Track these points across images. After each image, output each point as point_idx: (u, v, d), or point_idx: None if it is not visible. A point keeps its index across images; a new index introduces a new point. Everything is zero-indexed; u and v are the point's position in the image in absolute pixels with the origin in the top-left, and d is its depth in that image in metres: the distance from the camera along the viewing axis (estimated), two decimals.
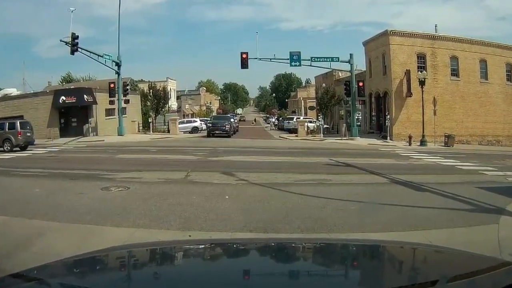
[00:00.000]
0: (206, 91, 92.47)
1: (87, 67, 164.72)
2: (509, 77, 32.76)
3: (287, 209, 7.53)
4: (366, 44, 35.64)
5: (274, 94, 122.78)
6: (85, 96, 31.03)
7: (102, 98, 32.48)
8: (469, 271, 1.58)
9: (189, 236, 5.65)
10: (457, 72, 31.33)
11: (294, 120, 41.82)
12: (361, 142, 27.72)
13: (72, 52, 27.94)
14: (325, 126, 36.41)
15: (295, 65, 30.67)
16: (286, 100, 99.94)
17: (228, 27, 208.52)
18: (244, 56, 30.00)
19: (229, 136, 32.14)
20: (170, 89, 56.22)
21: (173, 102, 62.70)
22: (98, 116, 32.53)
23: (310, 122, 39.36)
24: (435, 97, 27.10)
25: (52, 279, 1.57)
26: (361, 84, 31.36)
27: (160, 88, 40.73)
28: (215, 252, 2.23)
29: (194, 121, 44.07)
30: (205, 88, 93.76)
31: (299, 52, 30.62)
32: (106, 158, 17.18)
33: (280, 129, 46.13)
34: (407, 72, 29.79)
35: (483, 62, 31.83)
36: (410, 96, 29.66)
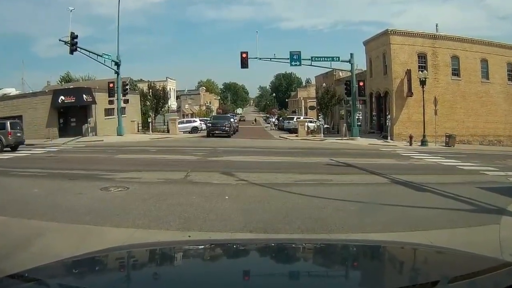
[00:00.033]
0: (206, 91, 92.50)
1: (86, 67, 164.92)
2: (511, 77, 32.70)
3: (287, 210, 7.51)
4: (367, 44, 35.60)
5: (274, 94, 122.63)
6: (84, 96, 30.95)
7: (101, 98, 32.40)
8: (470, 272, 1.57)
9: (189, 237, 5.64)
10: (458, 72, 31.27)
11: (294, 120, 41.77)
12: (362, 142, 27.69)
13: (71, 52, 27.88)
14: (326, 126, 36.40)
15: (295, 65, 30.60)
16: (286, 100, 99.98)
17: (228, 27, 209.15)
18: (244, 56, 29.93)
19: (229, 136, 32.09)
20: (170, 89, 56.27)
21: (173, 102, 62.75)
22: (97, 116, 32.45)
23: (311, 122, 39.39)
24: (436, 97, 27.07)
25: (51, 280, 1.56)
26: (362, 84, 31.30)
27: (160, 88, 40.72)
28: (215, 253, 2.23)
29: (194, 121, 44.04)
30: (205, 88, 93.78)
31: (299, 52, 30.55)
32: (105, 158, 17.15)
33: (280, 129, 46.08)
34: (408, 72, 29.75)
35: (484, 62, 31.77)
36: (411, 96, 29.61)
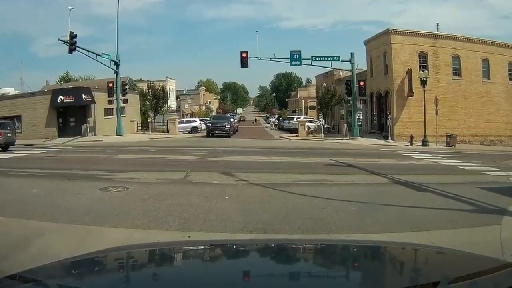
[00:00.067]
0: (206, 91, 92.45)
1: (86, 67, 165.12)
2: None
3: (287, 210, 7.49)
4: (367, 43, 35.57)
5: (274, 94, 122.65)
6: (84, 96, 30.91)
7: (101, 98, 32.39)
8: (471, 272, 1.57)
9: (189, 237, 5.62)
10: (459, 72, 31.23)
11: (295, 120, 41.75)
12: (362, 142, 27.68)
13: (70, 51, 27.87)
14: (326, 126, 36.37)
15: (296, 65, 30.58)
16: (287, 100, 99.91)
17: (228, 26, 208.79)
18: (244, 55, 29.91)
19: (229, 136, 32.09)
20: (169, 89, 56.34)
21: (172, 102, 62.78)
22: (97, 116, 32.39)
23: (311, 122, 39.39)
24: (437, 97, 27.02)
25: (50, 281, 1.56)
26: (362, 84, 31.26)
27: (159, 88, 40.66)
28: (215, 253, 2.22)
29: (194, 121, 44.07)
30: (205, 88, 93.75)
31: (300, 51, 30.52)
32: (105, 158, 17.14)
33: (281, 129, 46.08)
34: (409, 72, 29.71)
35: (486, 61, 31.71)
36: (412, 96, 29.57)
